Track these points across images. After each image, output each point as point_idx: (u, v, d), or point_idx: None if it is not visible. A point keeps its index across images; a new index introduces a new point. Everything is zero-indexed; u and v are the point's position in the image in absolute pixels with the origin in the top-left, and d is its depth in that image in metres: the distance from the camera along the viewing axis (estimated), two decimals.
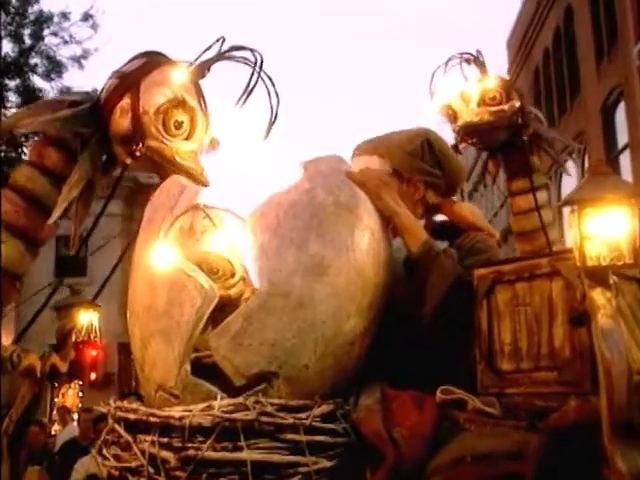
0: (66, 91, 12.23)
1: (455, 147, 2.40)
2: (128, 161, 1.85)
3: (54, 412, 10.74)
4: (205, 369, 1.52)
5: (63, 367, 1.91)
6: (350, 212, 1.58)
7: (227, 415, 1.38)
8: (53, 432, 9.28)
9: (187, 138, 1.84)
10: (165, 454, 1.38)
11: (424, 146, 1.94)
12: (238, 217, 1.71)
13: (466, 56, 2.50)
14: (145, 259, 1.57)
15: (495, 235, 1.94)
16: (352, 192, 1.63)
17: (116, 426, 1.51)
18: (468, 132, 2.47)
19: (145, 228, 1.66)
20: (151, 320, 1.54)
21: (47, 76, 13.08)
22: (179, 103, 1.81)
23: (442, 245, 1.71)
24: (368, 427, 1.42)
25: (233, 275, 1.70)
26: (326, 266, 1.50)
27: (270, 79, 1.81)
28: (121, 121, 1.81)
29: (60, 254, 13.51)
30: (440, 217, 2.01)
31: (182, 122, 1.82)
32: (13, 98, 12.54)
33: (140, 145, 1.80)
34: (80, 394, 11.50)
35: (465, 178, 2.07)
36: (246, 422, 1.36)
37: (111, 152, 1.87)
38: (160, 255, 1.54)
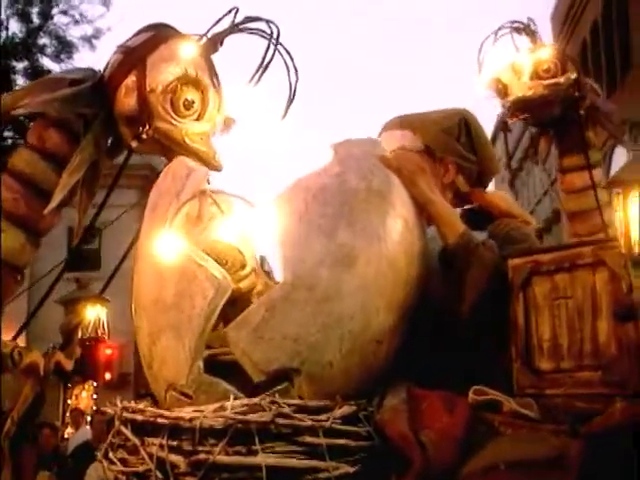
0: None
1: (504, 124, 2.38)
2: (134, 144, 1.83)
3: (67, 414, 10.93)
4: (221, 367, 1.52)
5: (68, 365, 1.91)
6: (383, 199, 1.57)
7: (240, 417, 1.36)
8: (66, 435, 9.43)
9: (198, 118, 1.83)
10: (174, 458, 1.37)
11: (461, 125, 1.92)
12: (249, 203, 1.70)
13: (517, 25, 2.46)
14: (150, 248, 1.57)
15: (531, 222, 1.91)
16: (386, 178, 1.61)
17: (123, 428, 1.51)
18: (520, 107, 2.44)
19: (150, 215, 1.65)
20: (159, 314, 1.53)
21: (57, 57, 13.23)
22: (189, 80, 1.79)
23: (480, 236, 1.69)
24: (393, 429, 1.41)
25: (244, 266, 1.69)
26: (355, 257, 1.48)
27: (288, 53, 1.79)
28: (126, 100, 1.80)
29: (72, 247, 13.68)
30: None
31: (192, 101, 1.81)
32: (21, 81, 12.70)
33: (147, 126, 1.79)
34: (94, 396, 11.71)
35: (499, 171, 2.04)
36: (261, 424, 1.35)
37: (117, 134, 1.87)
38: (167, 244, 1.53)
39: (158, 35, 1.84)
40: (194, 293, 1.48)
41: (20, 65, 13.01)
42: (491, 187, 2.12)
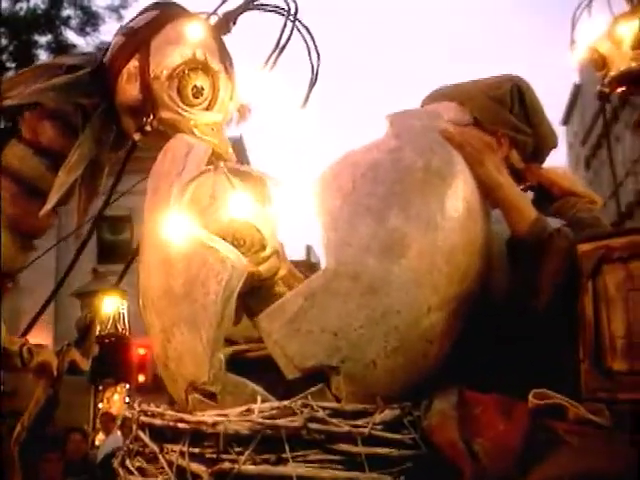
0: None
1: (606, 97, 2.32)
2: (137, 137, 1.81)
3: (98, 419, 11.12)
4: (247, 366, 1.52)
5: (84, 364, 1.93)
6: (443, 180, 1.53)
7: (269, 421, 1.35)
8: (97, 442, 9.61)
9: (208, 107, 1.80)
10: (196, 467, 1.37)
11: (514, 93, 1.87)
12: (267, 178, 1.69)
13: None
14: (154, 236, 1.56)
15: (598, 201, 1.85)
16: (447, 156, 1.57)
17: (140, 433, 1.51)
18: (624, 80, 2.39)
19: (151, 200, 1.64)
20: (170, 307, 1.53)
21: (81, 30, 13.41)
22: (197, 65, 1.76)
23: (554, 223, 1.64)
24: (442, 437, 1.39)
25: (264, 247, 1.67)
26: (407, 245, 1.46)
27: (309, 31, 1.75)
28: (128, 88, 1.78)
29: (103, 238, 13.93)
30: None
31: (202, 88, 1.78)
32: (44, 56, 12.90)
33: (151, 117, 1.76)
34: (127, 399, 11.88)
35: (556, 144, 1.99)
36: (292, 430, 1.34)
37: (119, 126, 1.85)
38: (171, 229, 1.52)
39: (163, 15, 1.81)
40: (206, 279, 1.47)
41: (43, 39, 13.23)
42: (565, 168, 2.07)
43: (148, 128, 1.78)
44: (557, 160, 2.21)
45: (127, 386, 12.41)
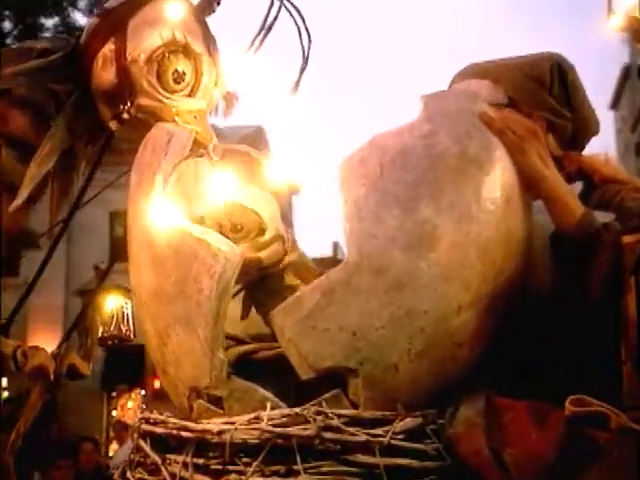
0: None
1: None
2: (114, 126, 1.79)
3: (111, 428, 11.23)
4: (256, 368, 1.52)
5: (85, 368, 1.92)
6: (480, 169, 1.50)
7: (279, 429, 1.34)
8: (110, 453, 9.70)
9: (191, 94, 1.78)
10: (200, 479, 1.36)
11: (554, 72, 1.82)
12: (262, 157, 1.68)
13: None
14: (141, 233, 1.56)
15: None
16: (485, 142, 1.54)
17: (141, 443, 1.50)
18: None
19: (134, 194, 1.63)
20: (163, 307, 1.52)
21: (90, 12, 13.44)
22: (178, 47, 1.74)
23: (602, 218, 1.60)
24: (468, 446, 1.37)
25: (263, 231, 1.66)
26: (437, 239, 1.43)
27: (298, 11, 1.72)
28: (104, 73, 1.76)
29: (115, 233, 14.01)
30: None
31: (183, 73, 1.76)
32: None
33: (128, 104, 1.74)
34: (142, 406, 11.90)
35: (598, 130, 1.94)
36: (304, 439, 1.32)
37: (96, 114, 1.82)
38: (158, 223, 1.50)
39: None
40: (198, 274, 1.46)
41: (49, 22, 13.31)
42: (607, 154, 2.02)
43: (125, 116, 1.76)
44: (604, 147, 2.16)
45: (142, 392, 12.43)
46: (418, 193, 1.45)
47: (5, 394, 5.45)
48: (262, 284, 1.63)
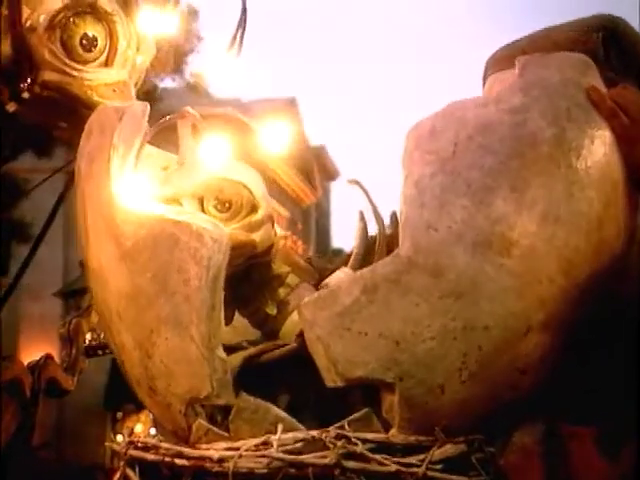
0: None
1: None
2: (12, 108, 1.61)
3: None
4: (267, 372, 1.41)
5: (68, 383, 1.74)
6: (576, 160, 1.29)
7: (291, 457, 1.21)
8: None
9: (107, 63, 1.60)
10: None
11: (607, 41, 1.59)
12: (253, 124, 1.57)
13: None
14: (100, 231, 1.41)
15: None
16: (590, 126, 1.32)
17: (129, 472, 1.38)
18: None
19: (85, 190, 1.46)
20: (142, 312, 1.36)
21: None
22: (84, 8, 1.55)
23: None
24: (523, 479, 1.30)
25: (255, 209, 1.51)
26: (512, 242, 1.25)
27: None
28: None
29: None
30: None
31: (94, 38, 1.57)
32: None
33: (29, 81, 1.57)
34: (153, 429, 11.56)
35: None
36: (321, 468, 1.20)
37: None
38: (119, 213, 1.36)
39: None
40: (182, 262, 1.31)
41: None
42: None
43: (26, 95, 1.59)
44: None
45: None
46: (496, 182, 1.26)
47: None
48: (246, 277, 1.51)
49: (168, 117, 1.49)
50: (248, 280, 1.53)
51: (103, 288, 1.45)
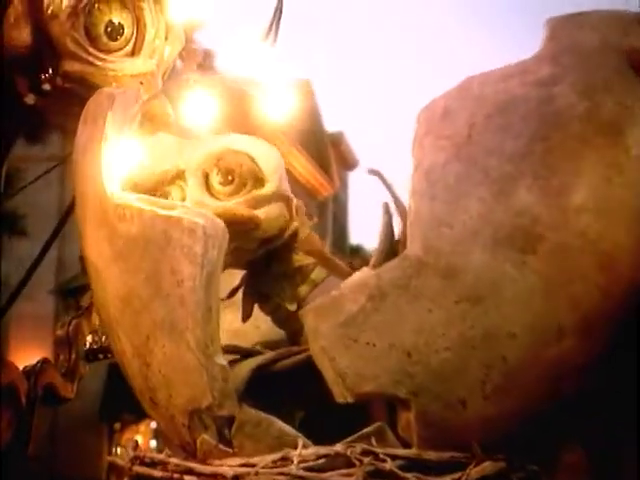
0: None
1: None
2: (31, 100, 1.54)
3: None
4: (272, 381, 1.35)
5: (67, 390, 1.68)
6: (613, 140, 1.16)
7: (313, 474, 1.15)
8: None
9: (133, 52, 1.52)
10: None
11: None
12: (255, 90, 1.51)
13: None
14: (95, 228, 1.36)
15: None
16: (630, 99, 1.17)
17: None
18: None
19: (81, 179, 1.41)
20: (137, 315, 1.30)
21: None
22: None
23: None
24: None
25: (262, 183, 1.44)
26: (538, 237, 1.14)
27: None
28: (15, 34, 1.50)
29: None
30: None
31: (120, 26, 1.52)
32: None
33: (50, 71, 1.50)
34: (153, 441, 11.28)
35: None
36: None
37: (10, 87, 1.56)
38: (111, 209, 1.31)
39: None
40: (175, 262, 1.25)
41: None
42: None
43: (47, 87, 1.54)
44: None
45: (154, 424, 11.82)
46: (519, 169, 1.15)
47: None
48: (266, 269, 1.45)
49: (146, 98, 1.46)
50: (267, 272, 1.48)
51: (103, 290, 1.40)
